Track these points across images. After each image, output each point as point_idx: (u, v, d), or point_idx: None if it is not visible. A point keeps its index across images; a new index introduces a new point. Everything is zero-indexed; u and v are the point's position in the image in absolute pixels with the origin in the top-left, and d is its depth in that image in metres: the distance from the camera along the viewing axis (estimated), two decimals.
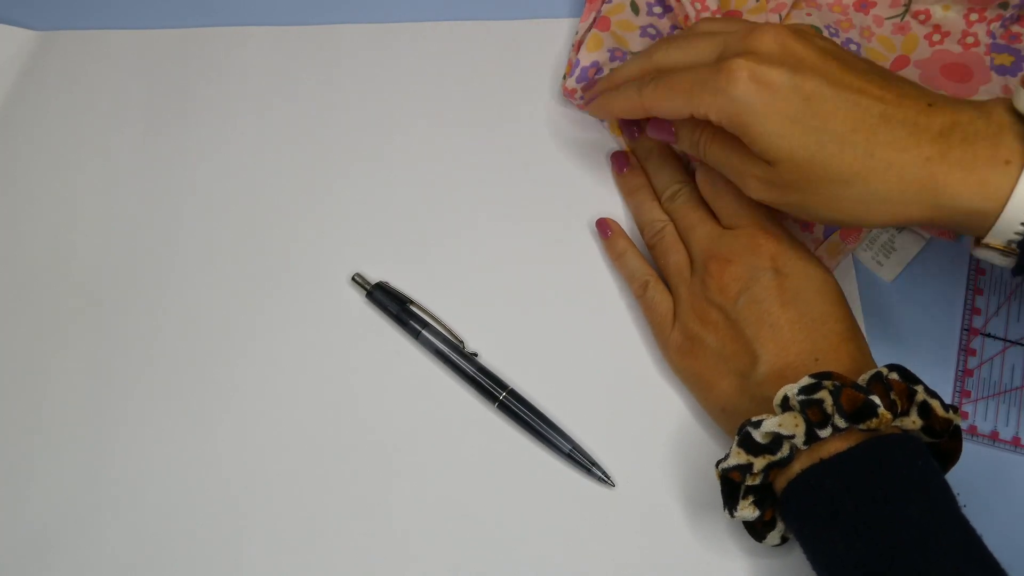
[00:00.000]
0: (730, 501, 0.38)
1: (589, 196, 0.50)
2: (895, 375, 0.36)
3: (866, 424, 0.35)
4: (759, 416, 0.37)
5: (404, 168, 0.51)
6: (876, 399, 0.35)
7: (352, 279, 0.48)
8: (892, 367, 0.37)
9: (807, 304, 0.40)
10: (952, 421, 0.36)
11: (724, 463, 0.37)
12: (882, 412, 0.35)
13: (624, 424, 0.45)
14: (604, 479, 0.43)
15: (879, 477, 0.35)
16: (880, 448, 0.35)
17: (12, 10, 0.57)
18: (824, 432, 0.35)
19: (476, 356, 0.46)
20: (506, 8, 0.55)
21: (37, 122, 0.53)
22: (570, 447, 0.44)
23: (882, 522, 0.34)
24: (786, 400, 0.36)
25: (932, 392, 0.36)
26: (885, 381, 0.36)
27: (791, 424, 0.36)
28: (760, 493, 0.38)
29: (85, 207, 0.51)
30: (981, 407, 0.45)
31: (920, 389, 0.36)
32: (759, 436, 0.36)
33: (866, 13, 0.51)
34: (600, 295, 0.48)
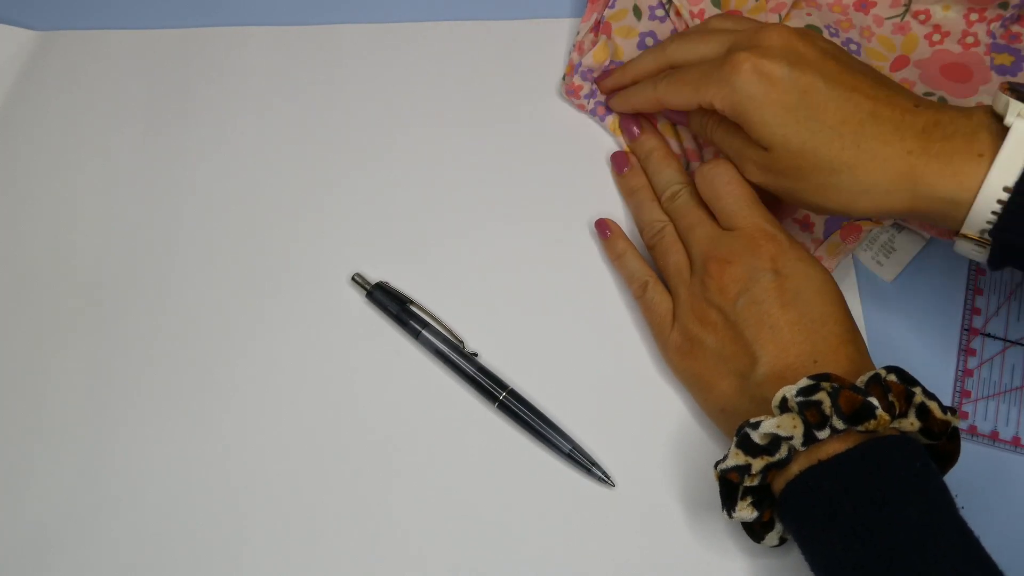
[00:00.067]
0: (728, 502, 0.38)
1: (589, 196, 0.50)
2: (893, 377, 0.36)
3: (864, 426, 0.35)
4: (758, 417, 0.37)
5: (404, 168, 0.51)
6: (874, 401, 0.35)
7: (352, 279, 0.48)
8: (890, 369, 0.37)
9: (807, 305, 0.40)
10: (950, 423, 0.36)
11: (722, 464, 0.38)
12: (880, 414, 0.35)
13: (624, 424, 0.45)
14: (604, 479, 0.43)
15: (877, 479, 0.35)
16: (878, 450, 0.35)
17: (12, 10, 0.57)
18: (822, 434, 0.35)
19: (476, 356, 0.46)
20: (506, 8, 0.55)
21: (37, 122, 0.53)
22: (570, 447, 0.44)
23: (880, 524, 0.34)
24: (784, 401, 0.36)
25: (930, 394, 0.36)
26: (883, 383, 0.36)
27: (789, 425, 0.36)
28: (758, 494, 0.38)
29: (85, 207, 0.51)
30: (981, 407, 0.45)
31: (918, 391, 0.36)
32: (757, 437, 0.36)
33: (866, 13, 0.51)
34: (600, 295, 0.48)
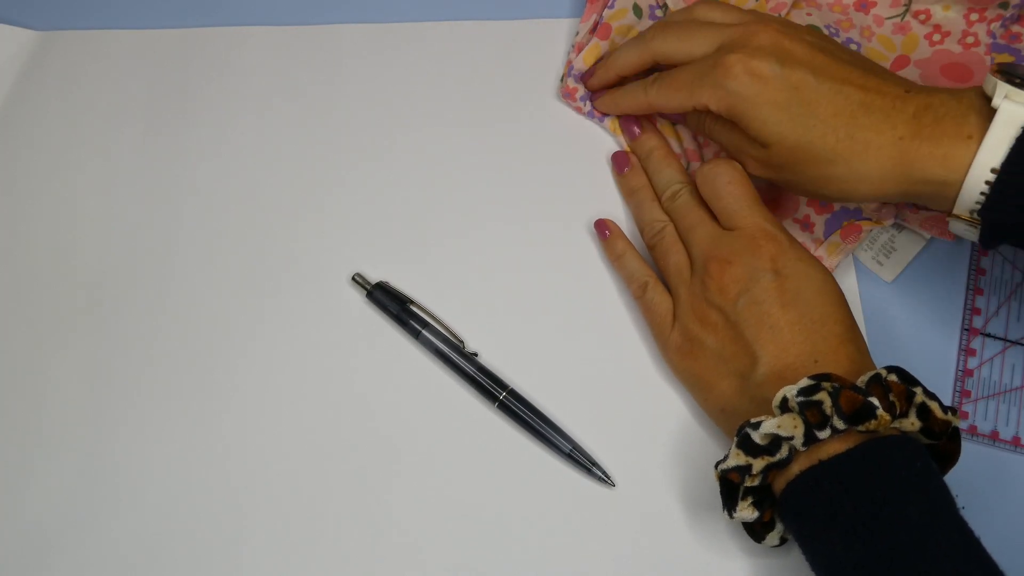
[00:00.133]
0: (729, 502, 0.38)
1: (589, 196, 0.50)
2: (894, 377, 0.36)
3: (865, 426, 0.35)
4: (758, 417, 0.37)
5: (404, 168, 0.51)
6: (875, 401, 0.35)
7: (352, 279, 0.48)
8: (891, 369, 0.37)
9: (807, 305, 0.40)
10: (951, 423, 0.36)
11: (723, 464, 0.38)
12: (881, 414, 0.35)
13: (624, 424, 0.45)
14: (604, 479, 0.43)
15: (878, 479, 0.35)
16: (879, 450, 0.35)
17: (12, 10, 0.57)
18: (823, 434, 0.35)
19: (476, 356, 0.46)
20: (506, 8, 0.55)
21: (37, 122, 0.53)
22: (570, 447, 0.44)
23: (881, 523, 0.34)
24: (785, 402, 0.36)
25: (931, 394, 0.36)
26: (884, 383, 0.36)
27: (790, 426, 0.36)
28: (759, 494, 0.38)
29: (85, 207, 0.51)
30: (981, 407, 0.45)
31: (919, 391, 0.36)
32: (758, 437, 0.36)
33: (866, 13, 0.51)
34: (600, 295, 0.48)
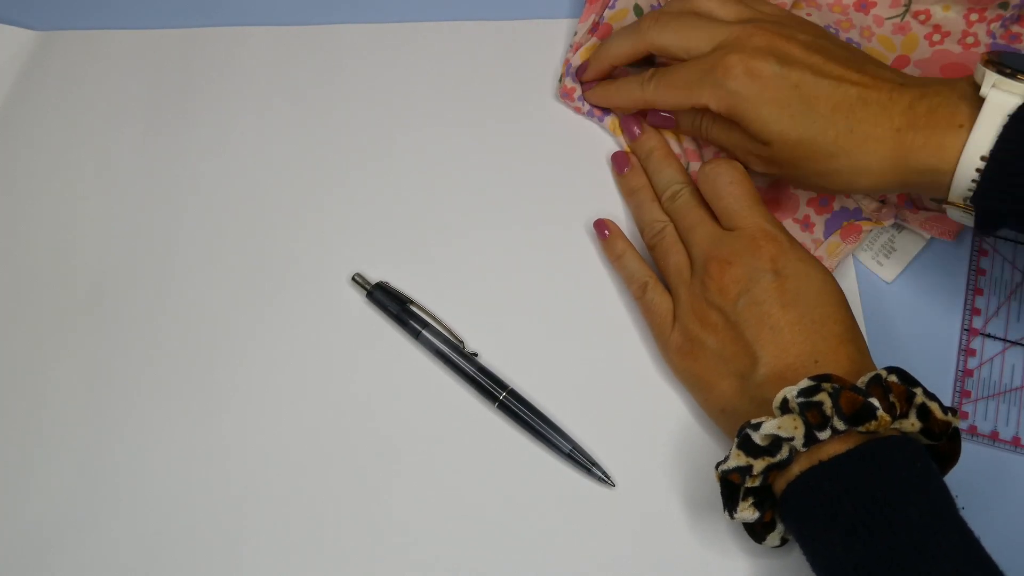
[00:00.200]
0: (730, 503, 0.38)
1: (589, 196, 0.50)
2: (894, 377, 0.36)
3: (865, 426, 0.35)
4: (758, 418, 0.37)
5: (404, 168, 0.51)
6: (875, 401, 0.35)
7: (352, 279, 0.48)
8: (891, 369, 0.37)
9: (807, 306, 0.40)
10: (951, 423, 0.36)
11: (724, 465, 0.38)
12: (881, 414, 0.35)
13: (624, 424, 0.45)
14: (604, 479, 0.43)
15: (878, 479, 0.35)
16: (879, 450, 0.35)
17: (12, 10, 0.57)
18: (823, 434, 0.35)
19: (476, 356, 0.46)
20: (506, 8, 0.55)
21: (37, 122, 0.53)
22: (570, 447, 0.44)
23: (881, 524, 0.34)
24: (785, 402, 0.36)
25: (931, 394, 0.36)
26: (884, 383, 0.36)
27: (790, 426, 0.36)
28: (760, 495, 0.38)
29: (85, 207, 0.51)
30: (981, 407, 0.45)
31: (919, 392, 0.36)
32: (758, 438, 0.36)
33: (866, 13, 0.51)
34: (600, 295, 0.48)
